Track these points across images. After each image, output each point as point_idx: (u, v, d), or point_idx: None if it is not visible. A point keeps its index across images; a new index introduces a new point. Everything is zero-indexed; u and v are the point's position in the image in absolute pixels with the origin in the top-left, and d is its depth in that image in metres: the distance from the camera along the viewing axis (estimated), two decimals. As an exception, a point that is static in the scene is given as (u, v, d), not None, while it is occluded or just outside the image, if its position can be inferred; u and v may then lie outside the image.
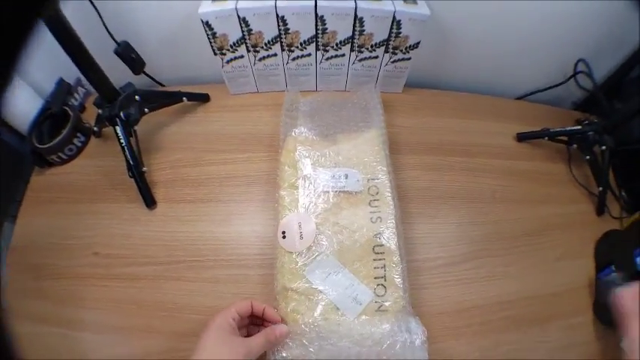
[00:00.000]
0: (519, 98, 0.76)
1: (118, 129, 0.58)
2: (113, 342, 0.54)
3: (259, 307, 0.47)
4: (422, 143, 0.66)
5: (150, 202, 0.60)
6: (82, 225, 0.62)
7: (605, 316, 0.56)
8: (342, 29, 0.60)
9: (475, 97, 0.74)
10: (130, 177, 0.59)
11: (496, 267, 0.58)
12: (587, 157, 0.64)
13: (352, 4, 0.56)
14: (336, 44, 0.62)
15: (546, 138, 0.67)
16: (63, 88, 0.70)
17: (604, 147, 0.62)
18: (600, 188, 0.63)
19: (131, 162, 0.58)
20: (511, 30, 0.66)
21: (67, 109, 0.68)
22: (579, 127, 0.64)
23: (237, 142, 0.66)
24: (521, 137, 0.69)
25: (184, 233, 0.59)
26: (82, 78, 0.73)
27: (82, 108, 0.73)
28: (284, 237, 0.53)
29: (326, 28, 0.59)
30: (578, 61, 0.67)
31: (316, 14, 0.57)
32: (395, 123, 0.66)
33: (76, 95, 0.72)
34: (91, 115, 0.71)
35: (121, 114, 0.58)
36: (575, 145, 0.66)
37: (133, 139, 0.59)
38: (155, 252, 0.58)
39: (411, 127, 0.68)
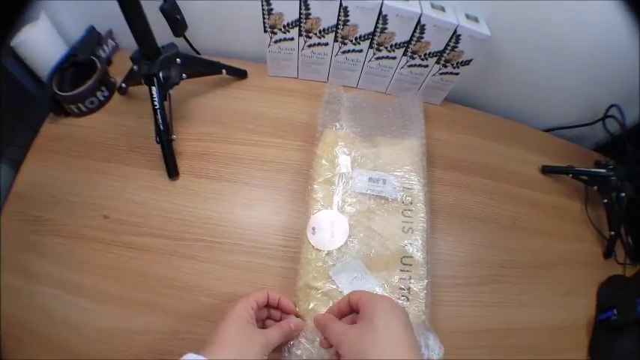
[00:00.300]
0: (546, 130, 0.75)
1: (154, 89, 0.52)
2: (111, 313, 0.49)
3: (275, 296, 0.45)
4: (453, 159, 0.64)
5: (173, 172, 0.55)
6: (93, 184, 0.57)
7: (599, 358, 0.57)
8: (400, 32, 0.57)
9: (505, 121, 0.72)
10: (157, 143, 0.54)
11: (510, 294, 0.57)
12: (605, 200, 0.64)
13: (418, 9, 0.53)
14: (391, 46, 0.59)
15: (570, 175, 0.66)
16: (93, 37, 0.64)
17: (623, 194, 0.62)
18: (612, 233, 0.63)
19: (161, 127, 0.53)
20: (555, 65, 0.65)
21: (94, 59, 0.62)
22: (604, 170, 0.64)
23: (270, 125, 0.62)
24: (546, 170, 0.68)
25: (204, 211, 0.55)
26: (114, 31, 0.68)
27: (108, 62, 0.67)
28: (314, 233, 0.49)
29: (386, 28, 0.56)
30: (611, 106, 0.66)
31: (380, 12, 0.54)
32: (430, 135, 0.64)
33: (104, 47, 0.66)
34: (116, 70, 0.65)
35: (160, 74, 0.52)
36: (595, 187, 0.65)
37: (166, 103, 0.54)
38: (170, 225, 0.54)
39: (445, 142, 0.66)
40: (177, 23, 0.56)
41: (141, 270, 0.51)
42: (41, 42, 0.61)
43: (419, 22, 0.54)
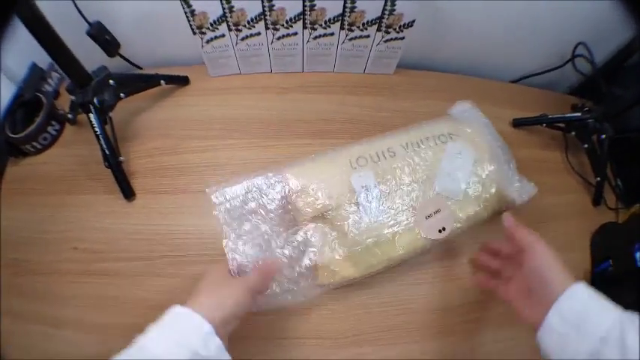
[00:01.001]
0: (514, 81, 0.70)
1: (92, 116, 0.51)
2: (94, 340, 0.50)
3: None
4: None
5: (128, 193, 0.55)
6: (60, 218, 0.57)
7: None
8: (331, 6, 0.53)
9: (469, 79, 0.68)
10: (107, 167, 0.53)
11: (494, 260, 0.54)
12: (586, 145, 0.59)
13: (342, -22, 0.49)
14: (325, 22, 0.55)
15: (544, 124, 0.61)
16: (36, 74, 0.63)
17: (603, 135, 0.57)
18: (598, 178, 0.59)
19: (106, 151, 0.52)
20: (509, 11, 0.60)
21: (40, 95, 0.61)
22: (579, 114, 0.58)
23: (218, 127, 0.60)
24: (517, 123, 0.63)
25: (165, 226, 0.54)
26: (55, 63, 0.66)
27: (56, 94, 0.66)
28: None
29: (314, 5, 0.52)
30: (578, 44, 0.60)
31: (304, -10, 0.50)
32: (384, 106, 0.61)
33: (49, 81, 0.65)
34: (66, 101, 0.63)
35: (95, 100, 0.51)
36: (573, 133, 0.60)
37: (108, 127, 0.54)
38: (135, 246, 0.53)
39: (402, 111, 0.62)
40: (108, 44, 0.54)
41: (115, 295, 0.52)
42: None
43: (347, -8, 0.50)
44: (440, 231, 0.49)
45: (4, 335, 0.51)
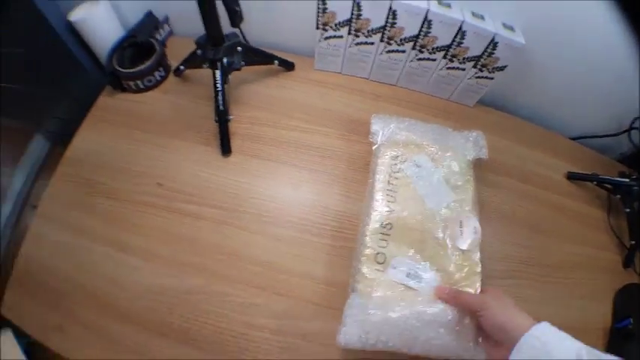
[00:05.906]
0: (573, 138, 0.87)
1: (218, 73, 0.64)
2: (159, 272, 0.59)
3: None
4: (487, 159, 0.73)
5: (227, 149, 0.67)
6: (146, 154, 0.68)
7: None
8: (442, 37, 0.69)
9: (535, 128, 0.84)
10: (216, 122, 0.65)
11: (528, 290, 0.66)
12: (627, 209, 0.75)
13: (461, 17, 0.66)
14: (432, 49, 0.71)
15: (594, 182, 0.77)
16: (151, 21, 0.77)
17: (645, 204, 0.73)
18: (632, 242, 0.73)
19: (221, 107, 0.65)
20: (584, 76, 0.76)
21: (153, 41, 0.74)
22: (627, 179, 0.75)
23: (315, 115, 0.74)
24: (572, 176, 0.79)
25: (254, 187, 0.66)
26: (170, 17, 0.80)
27: (163, 45, 0.79)
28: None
29: (429, 32, 0.68)
30: (636, 118, 0.78)
31: (425, 17, 0.66)
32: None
33: (160, 31, 0.78)
34: (170, 53, 0.77)
35: (224, 60, 0.64)
36: (618, 196, 0.76)
37: (226, 86, 0.66)
38: (222, 198, 0.65)
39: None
40: (235, 14, 0.67)
41: (191, 235, 0.62)
42: (101, 21, 0.72)
43: (460, 28, 0.67)
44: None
45: (66, 248, 0.60)
